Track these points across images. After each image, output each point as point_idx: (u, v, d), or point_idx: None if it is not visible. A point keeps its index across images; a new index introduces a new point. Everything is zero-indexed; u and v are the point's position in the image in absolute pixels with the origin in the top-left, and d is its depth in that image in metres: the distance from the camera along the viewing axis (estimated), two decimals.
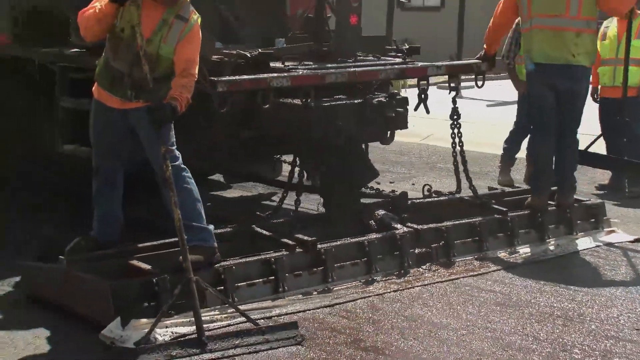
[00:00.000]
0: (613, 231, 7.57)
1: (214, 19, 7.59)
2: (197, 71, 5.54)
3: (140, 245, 5.81)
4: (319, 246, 6.02)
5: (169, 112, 5.34)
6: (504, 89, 11.22)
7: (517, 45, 8.95)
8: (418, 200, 7.35)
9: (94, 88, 5.74)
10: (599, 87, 9.30)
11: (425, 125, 12.31)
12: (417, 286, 6.12)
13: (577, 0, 7.04)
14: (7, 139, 7.57)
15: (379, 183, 8.37)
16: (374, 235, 6.38)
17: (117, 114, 5.64)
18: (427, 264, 6.50)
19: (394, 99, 6.94)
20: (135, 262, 5.55)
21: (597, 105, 9.43)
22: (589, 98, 9.08)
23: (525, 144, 8.96)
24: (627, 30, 8.43)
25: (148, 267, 5.45)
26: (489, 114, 7.67)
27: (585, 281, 6.27)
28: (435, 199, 7.49)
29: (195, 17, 5.59)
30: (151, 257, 5.67)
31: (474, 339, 5.17)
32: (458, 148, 7.38)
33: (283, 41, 7.50)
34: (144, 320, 5.08)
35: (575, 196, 7.63)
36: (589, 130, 9.05)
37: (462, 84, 7.91)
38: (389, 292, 5.97)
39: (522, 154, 9.38)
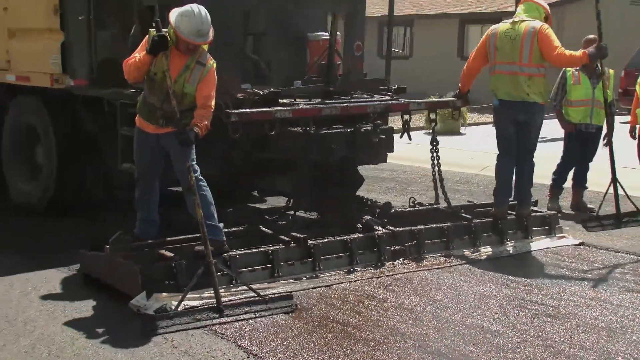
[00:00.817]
0: (563, 237, 8.24)
1: (247, 65, 8.43)
2: (213, 104, 6.46)
3: (167, 239, 6.70)
4: (309, 242, 6.88)
5: (192, 136, 6.28)
6: (552, 128, 11.65)
7: (563, 90, 9.58)
8: (400, 209, 8.06)
9: (136, 118, 6.67)
10: (637, 126, 9.56)
11: (482, 158, 13.00)
12: (389, 275, 6.93)
13: (527, 52, 7.77)
14: (83, 158, 8.49)
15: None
16: (356, 235, 7.21)
17: (153, 137, 6.60)
18: (401, 259, 7.31)
19: (378, 127, 7.61)
20: (162, 251, 6.41)
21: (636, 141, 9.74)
22: (627, 134, 9.69)
23: (571, 174, 9.69)
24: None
25: (171, 254, 6.31)
26: (539, 149, 8.10)
27: (625, 297, 6.52)
28: (415, 208, 8.20)
29: (212, 62, 6.53)
30: (175, 247, 6.55)
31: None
32: (437, 168, 8.07)
33: (299, 82, 8.30)
34: (164, 294, 6.06)
35: (532, 208, 8.23)
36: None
37: None
38: (366, 279, 6.77)
39: (568, 183, 9.84)
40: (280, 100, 7.39)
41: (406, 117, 8.04)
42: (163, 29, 6.33)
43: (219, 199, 6.68)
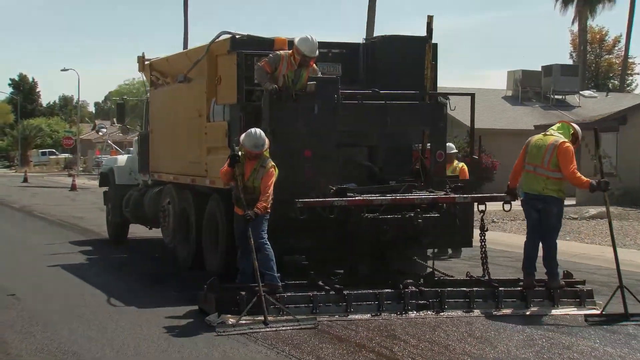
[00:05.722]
0: (594, 308, 9.38)
1: (360, 169, 10.92)
2: (271, 191, 9.13)
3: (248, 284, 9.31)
4: (345, 292, 9.05)
5: (254, 214, 9.03)
6: None
7: None
8: (442, 278, 9.97)
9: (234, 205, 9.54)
10: None
11: None
12: (404, 320, 8.89)
13: (547, 158, 9.48)
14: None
15: None
16: (385, 290, 9.20)
17: (241, 216, 9.33)
18: (424, 311, 9.15)
19: (420, 214, 9.69)
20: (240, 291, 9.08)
21: None
22: None
23: None
24: None
25: (242, 292, 8.92)
26: None
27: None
28: (459, 278, 10.06)
29: (270, 165, 9.25)
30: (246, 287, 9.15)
31: None
32: (484, 249, 9.99)
33: (394, 182, 10.54)
34: (229, 315, 8.66)
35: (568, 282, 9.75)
36: None
37: None
38: (384, 319, 8.83)
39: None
40: (349, 193, 9.81)
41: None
42: (236, 147, 9.32)
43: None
